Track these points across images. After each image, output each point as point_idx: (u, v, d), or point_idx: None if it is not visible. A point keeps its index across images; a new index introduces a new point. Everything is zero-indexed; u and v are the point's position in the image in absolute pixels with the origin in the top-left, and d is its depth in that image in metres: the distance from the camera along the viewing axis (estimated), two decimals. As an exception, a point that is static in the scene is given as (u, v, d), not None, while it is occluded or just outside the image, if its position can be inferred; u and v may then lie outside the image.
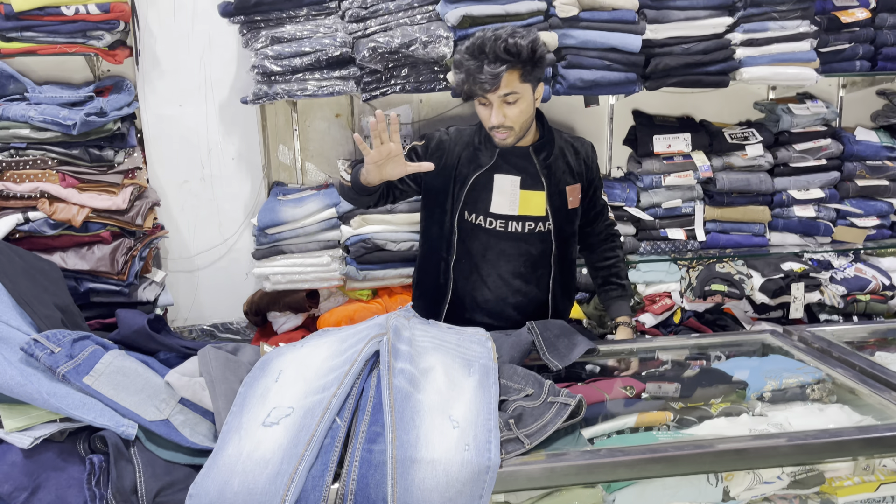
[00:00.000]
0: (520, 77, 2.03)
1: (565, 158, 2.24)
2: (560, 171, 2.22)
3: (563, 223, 2.25)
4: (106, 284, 2.50)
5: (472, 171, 2.18)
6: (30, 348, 1.44)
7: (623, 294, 2.38)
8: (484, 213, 2.21)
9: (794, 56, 2.90)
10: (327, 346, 1.74)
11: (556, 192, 2.21)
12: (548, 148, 2.21)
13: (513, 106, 2.05)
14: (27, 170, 2.42)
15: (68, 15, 2.45)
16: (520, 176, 2.19)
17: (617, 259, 2.40)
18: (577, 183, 2.25)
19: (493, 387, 1.63)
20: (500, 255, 2.25)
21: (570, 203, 2.24)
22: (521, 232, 2.22)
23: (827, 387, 1.90)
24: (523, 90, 2.05)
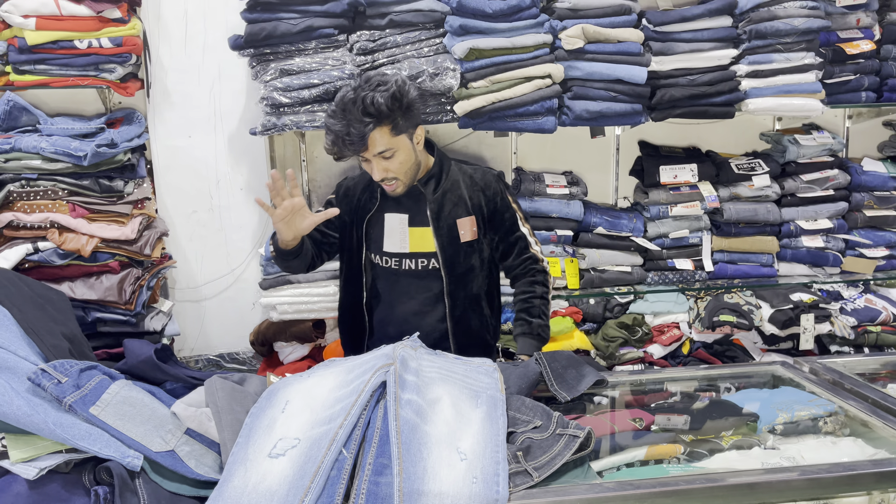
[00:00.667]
0: (390, 131, 1.97)
1: (458, 191, 2.17)
2: (450, 205, 2.15)
3: (455, 257, 2.17)
4: (113, 314, 2.50)
5: (366, 212, 2.17)
6: (37, 378, 1.43)
7: (528, 331, 2.26)
8: (379, 253, 2.18)
9: (800, 87, 2.91)
10: (334, 376, 1.73)
11: (443, 225, 2.14)
12: (436, 180, 2.15)
13: (391, 160, 2.01)
14: (38, 200, 2.44)
15: (81, 48, 2.50)
16: (408, 213, 2.15)
17: (531, 295, 2.28)
18: (471, 215, 2.17)
19: (500, 418, 1.62)
20: (400, 294, 2.20)
21: (462, 236, 2.16)
22: (414, 269, 2.18)
23: (840, 419, 1.88)
24: (397, 143, 1.99)
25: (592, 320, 3.06)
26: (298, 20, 2.58)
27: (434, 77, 2.62)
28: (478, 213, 2.18)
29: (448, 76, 2.63)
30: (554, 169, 3.19)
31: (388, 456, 1.45)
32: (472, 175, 2.21)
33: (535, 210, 3.03)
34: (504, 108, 2.70)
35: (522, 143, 3.18)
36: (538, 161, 3.21)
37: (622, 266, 3.09)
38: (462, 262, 2.18)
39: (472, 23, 2.66)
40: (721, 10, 2.84)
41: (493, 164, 3.20)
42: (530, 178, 3.07)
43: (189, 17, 2.76)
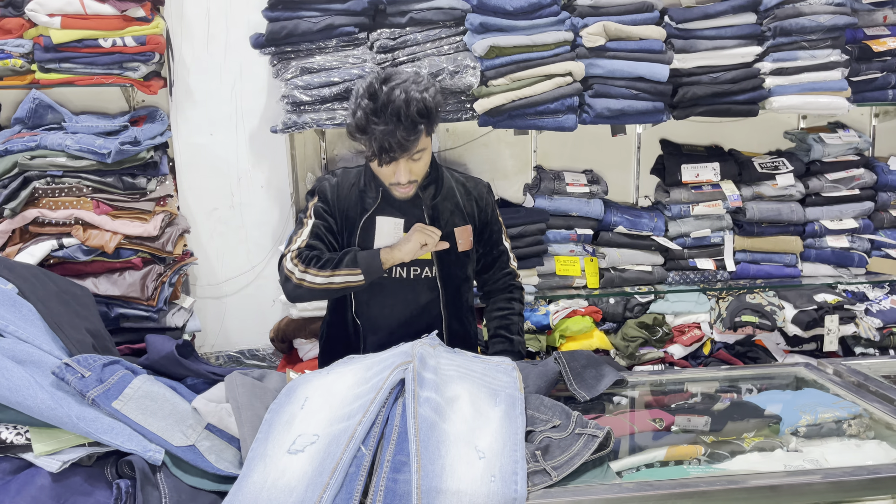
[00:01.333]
0: (425, 133, 1.93)
1: (454, 199, 2.10)
2: (448, 213, 2.08)
3: (452, 267, 2.10)
4: (136, 310, 2.53)
5: (358, 216, 2.06)
6: (61, 372, 1.45)
7: (509, 348, 2.19)
8: None
9: (825, 85, 2.87)
10: (353, 373, 1.73)
11: (442, 234, 2.05)
12: (434, 187, 2.07)
13: (419, 161, 1.96)
14: (62, 197, 2.47)
15: (105, 47, 2.53)
16: (403, 218, 2.05)
17: (510, 312, 2.23)
18: (468, 224, 2.11)
19: (519, 417, 1.61)
20: (386, 303, 2.11)
21: (459, 246, 2.09)
22: (406, 278, 2.08)
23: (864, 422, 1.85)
24: (427, 143, 1.97)
25: (612, 320, 3.04)
26: (319, 18, 2.59)
27: (454, 75, 2.61)
28: (473, 223, 2.13)
29: (468, 74, 2.63)
30: (574, 167, 3.18)
31: (406, 453, 1.45)
32: (465, 184, 2.15)
33: (555, 209, 3.01)
34: (524, 106, 2.69)
35: (542, 141, 3.17)
36: (558, 159, 3.20)
37: (643, 265, 3.06)
38: (458, 273, 2.13)
39: (493, 20, 2.65)
40: (745, 7, 2.81)
41: (513, 162, 3.19)
42: (550, 177, 3.05)
43: (211, 16, 2.79)
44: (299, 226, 2.11)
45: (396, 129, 1.84)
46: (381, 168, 1.95)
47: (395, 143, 1.85)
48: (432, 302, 2.12)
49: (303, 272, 2.00)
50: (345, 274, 1.99)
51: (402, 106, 1.84)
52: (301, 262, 2.01)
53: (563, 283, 3.02)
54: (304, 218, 2.11)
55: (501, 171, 3.18)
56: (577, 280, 3.02)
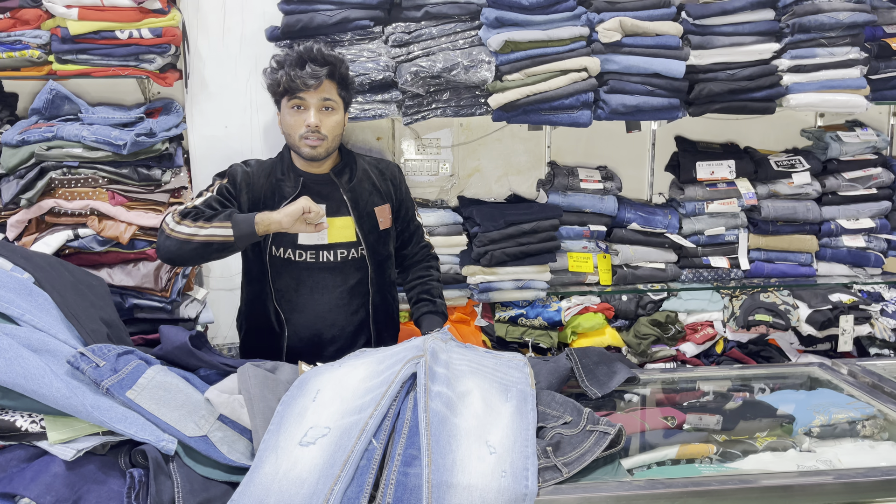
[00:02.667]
0: (336, 89, 2.09)
1: (371, 180, 2.21)
2: (366, 193, 2.19)
3: (377, 245, 2.21)
4: (150, 301, 2.54)
5: (276, 203, 2.10)
6: (76, 361, 1.46)
7: (433, 309, 2.29)
8: (293, 247, 2.13)
9: (844, 83, 2.84)
10: (365, 366, 1.74)
11: (364, 214, 2.17)
12: (349, 171, 2.18)
13: (329, 115, 2.08)
14: (78, 188, 2.49)
15: (122, 39, 2.53)
16: (324, 203, 2.10)
17: (430, 277, 2.35)
18: (386, 203, 2.23)
19: (530, 413, 1.61)
20: (313, 288, 2.16)
21: (381, 224, 2.21)
22: (334, 261, 2.16)
23: (878, 423, 1.84)
24: (338, 103, 2.10)
25: (625, 317, 3.03)
26: (335, 12, 2.59)
27: (469, 69, 2.60)
28: (391, 201, 2.24)
29: (483, 69, 2.62)
30: (588, 163, 3.16)
31: (417, 447, 1.45)
32: (377, 165, 2.27)
33: (569, 205, 3.00)
34: (539, 102, 2.68)
35: (557, 136, 3.16)
36: (572, 155, 3.18)
37: (656, 263, 3.05)
38: (381, 250, 2.24)
39: (508, 15, 2.64)
40: (763, 3, 2.77)
41: (526, 158, 3.18)
42: (564, 173, 3.04)
43: (227, 9, 2.78)
44: (198, 196, 2.14)
45: (305, 63, 2.02)
46: (292, 117, 2.07)
47: (302, 74, 2.00)
48: (360, 281, 2.21)
49: (176, 223, 2.02)
50: (215, 227, 1.99)
51: (313, 47, 2.06)
52: (179, 216, 2.04)
53: (576, 280, 3.01)
54: (205, 191, 2.16)
55: (515, 166, 3.17)
56: (589, 276, 3.01)
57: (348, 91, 2.15)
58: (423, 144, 3.09)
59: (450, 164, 3.12)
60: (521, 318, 2.94)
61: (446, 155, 3.12)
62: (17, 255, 1.71)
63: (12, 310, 1.53)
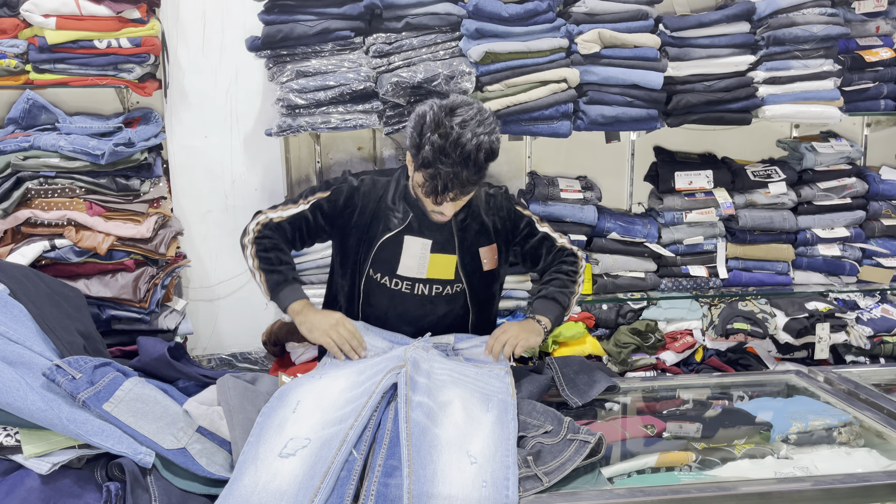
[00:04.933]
0: None
1: (480, 218, 2.07)
2: (473, 233, 2.06)
3: (479, 286, 2.10)
4: (128, 312, 2.51)
5: (382, 232, 2.02)
6: (51, 374, 1.45)
7: (544, 294, 2.14)
8: (390, 274, 2.05)
9: (818, 94, 2.89)
10: (345, 377, 1.73)
11: (468, 254, 2.05)
12: (464, 209, 2.02)
13: (461, 201, 1.92)
14: (55, 198, 2.46)
15: (101, 48, 2.51)
16: (431, 239, 2.02)
17: (559, 272, 2.17)
18: (493, 244, 2.09)
19: (511, 423, 1.62)
20: (402, 315, 2.08)
21: (484, 265, 2.08)
22: (427, 295, 2.07)
23: (854, 430, 1.86)
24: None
25: (605, 326, 3.04)
26: (315, 22, 2.59)
27: (449, 80, 2.62)
28: (498, 238, 2.11)
29: (463, 79, 2.63)
30: (568, 173, 3.18)
31: (397, 458, 1.45)
32: (486, 198, 2.11)
33: (549, 214, 3.02)
34: (519, 112, 2.70)
35: (537, 147, 3.18)
36: (553, 165, 3.20)
37: (635, 272, 3.07)
38: (483, 291, 2.12)
39: (489, 26, 2.66)
40: (739, 17, 2.82)
41: (507, 168, 3.20)
42: (544, 183, 3.06)
43: (207, 19, 2.78)
44: (292, 202, 2.09)
45: (463, 170, 1.78)
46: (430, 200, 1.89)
47: (457, 184, 1.80)
48: (456, 318, 2.10)
49: (250, 243, 2.06)
50: (263, 278, 2.06)
51: (473, 150, 1.76)
52: (258, 235, 2.05)
53: (557, 289, 3.02)
54: (301, 200, 2.08)
55: (495, 176, 3.18)
56: (570, 286, 3.02)
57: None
58: (403, 154, 3.09)
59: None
60: (503, 327, 2.95)
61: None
62: (-8, 266, 1.69)
63: (-14, 322, 1.51)
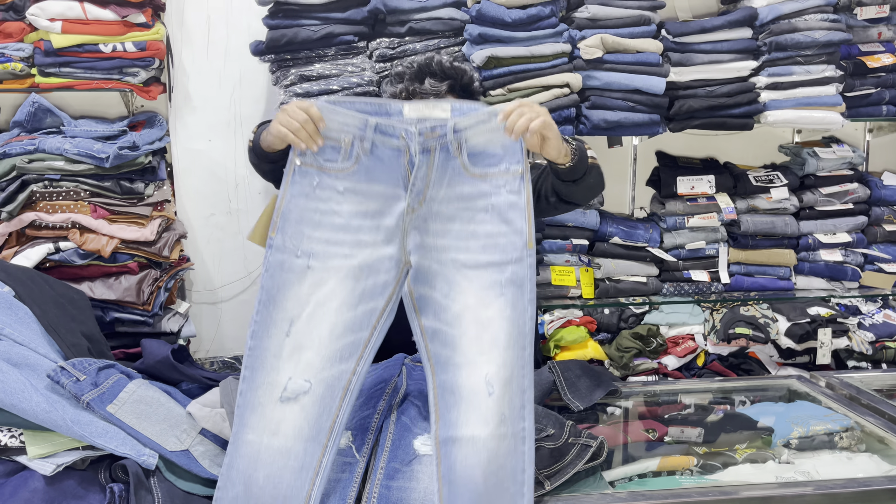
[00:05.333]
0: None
1: None
2: None
3: None
4: (131, 314, 2.52)
5: None
6: (56, 375, 1.46)
7: None
8: None
9: (820, 100, 2.89)
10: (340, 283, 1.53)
11: None
12: None
13: None
14: (60, 201, 2.47)
15: (106, 52, 2.53)
16: None
17: None
18: None
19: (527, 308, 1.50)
20: None
21: None
22: None
23: (856, 435, 1.87)
24: None
25: (607, 330, 3.04)
26: (319, 27, 2.60)
27: (452, 85, 2.63)
28: None
29: (466, 84, 2.64)
30: (570, 178, 3.19)
31: (399, 461, 1.46)
32: None
33: (551, 219, 3.02)
34: (522, 117, 2.71)
35: (539, 151, 3.18)
36: (555, 170, 3.21)
37: (637, 276, 3.07)
38: None
39: (492, 31, 2.66)
40: (741, 22, 2.83)
41: (509, 173, 3.20)
42: (547, 187, 3.07)
43: (212, 23, 2.80)
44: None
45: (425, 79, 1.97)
46: None
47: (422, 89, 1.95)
48: None
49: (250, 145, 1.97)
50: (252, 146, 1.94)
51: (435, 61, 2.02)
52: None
53: (559, 293, 3.03)
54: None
55: (498, 180, 3.19)
56: (572, 290, 3.03)
57: (475, 100, 2.00)
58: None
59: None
60: (505, 331, 2.95)
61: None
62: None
63: (-8, 323, 1.52)
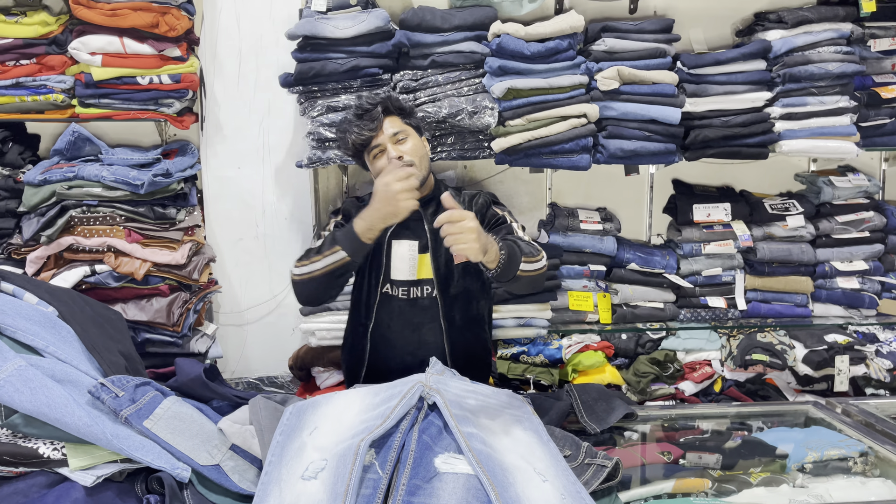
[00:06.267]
0: (399, 121, 2.18)
1: None
2: None
3: (450, 279, 2.20)
4: (161, 335, 2.61)
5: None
6: (97, 391, 1.53)
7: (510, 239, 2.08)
8: (390, 283, 2.20)
9: (834, 130, 2.93)
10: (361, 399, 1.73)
11: (440, 249, 2.12)
12: (436, 202, 2.12)
13: (404, 143, 2.15)
14: (96, 225, 2.58)
15: (143, 84, 2.65)
16: (417, 240, 2.19)
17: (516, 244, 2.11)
18: None
19: (550, 441, 1.63)
20: (405, 324, 2.21)
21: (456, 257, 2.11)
22: (421, 297, 2.20)
23: (870, 460, 1.88)
24: (407, 132, 2.18)
25: (624, 355, 3.07)
26: (345, 60, 2.71)
27: (473, 115, 2.71)
28: None
29: (486, 114, 2.73)
30: (588, 205, 3.25)
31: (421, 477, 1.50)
32: (464, 197, 2.29)
33: (569, 245, 3.08)
34: (540, 146, 2.77)
35: (557, 179, 3.25)
36: (573, 197, 3.27)
37: (654, 302, 3.11)
38: (456, 284, 2.21)
39: (511, 64, 2.75)
40: (755, 55, 2.89)
41: (528, 199, 3.27)
42: (564, 214, 3.12)
43: (243, 57, 2.91)
44: (316, 239, 2.21)
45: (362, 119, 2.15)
46: (378, 163, 2.14)
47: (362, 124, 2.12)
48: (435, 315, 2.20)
49: (296, 268, 2.07)
50: (327, 255, 1.99)
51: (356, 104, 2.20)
52: (297, 260, 2.09)
53: (576, 318, 3.07)
54: (322, 232, 2.23)
55: (517, 207, 3.26)
56: (589, 315, 3.07)
57: (412, 118, 2.24)
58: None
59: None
60: (523, 355, 3.00)
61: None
62: (42, 289, 1.79)
63: (37, 342, 1.60)
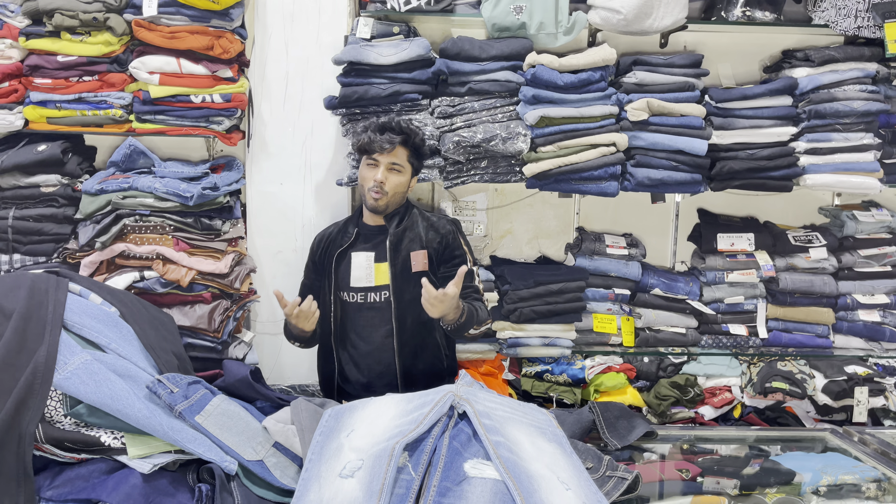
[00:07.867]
0: (407, 155, 2.44)
1: (416, 230, 2.49)
2: (407, 240, 2.47)
3: (403, 283, 2.44)
4: (202, 340, 2.73)
5: (334, 250, 2.51)
6: (154, 387, 1.66)
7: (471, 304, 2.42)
8: (347, 289, 2.49)
9: (858, 165, 2.99)
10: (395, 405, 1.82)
11: (398, 259, 2.44)
12: (399, 217, 2.49)
13: (395, 175, 2.42)
14: (147, 234, 2.72)
15: (196, 102, 2.80)
16: (374, 251, 2.48)
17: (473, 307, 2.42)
18: (423, 249, 2.46)
19: (573, 452, 1.71)
20: (363, 327, 2.48)
21: (413, 266, 2.44)
22: (378, 302, 2.47)
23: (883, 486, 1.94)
24: (405, 168, 2.45)
25: (646, 378, 3.13)
26: (387, 85, 2.84)
27: (506, 140, 2.82)
28: (430, 249, 2.47)
29: (519, 140, 2.84)
30: (615, 230, 3.33)
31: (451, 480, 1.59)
32: (431, 219, 2.55)
33: (595, 268, 3.16)
34: (569, 172, 2.87)
35: (585, 204, 3.34)
36: (600, 222, 3.36)
37: (677, 327, 3.17)
38: (411, 290, 2.41)
39: (544, 93, 2.86)
40: (781, 91, 2.96)
41: (556, 223, 3.37)
42: (591, 238, 3.21)
43: (289, 79, 3.05)
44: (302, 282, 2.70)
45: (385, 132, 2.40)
46: (365, 171, 2.43)
47: (379, 138, 2.36)
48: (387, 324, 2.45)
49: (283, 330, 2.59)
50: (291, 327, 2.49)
51: (394, 119, 2.47)
52: None
53: (600, 340, 3.15)
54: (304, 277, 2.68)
55: (545, 230, 3.36)
56: (613, 337, 3.14)
57: (419, 159, 2.51)
58: (460, 206, 3.31)
59: (484, 226, 3.32)
60: (547, 373, 3.08)
61: (481, 217, 3.33)
62: (105, 291, 1.93)
63: (101, 339, 1.74)
